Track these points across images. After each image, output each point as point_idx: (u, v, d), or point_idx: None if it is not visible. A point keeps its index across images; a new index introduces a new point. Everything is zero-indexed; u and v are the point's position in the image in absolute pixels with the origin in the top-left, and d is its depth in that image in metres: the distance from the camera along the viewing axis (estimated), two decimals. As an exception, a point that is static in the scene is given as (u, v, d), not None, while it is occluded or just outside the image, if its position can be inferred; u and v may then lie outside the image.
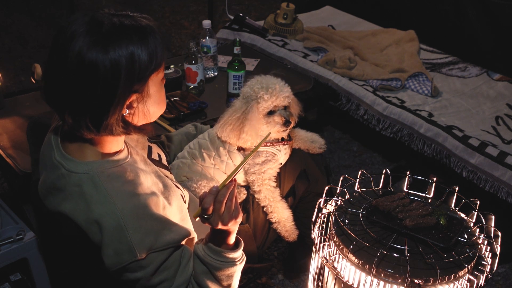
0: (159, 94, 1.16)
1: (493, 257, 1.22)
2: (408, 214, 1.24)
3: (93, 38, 1.01)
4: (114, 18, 1.05)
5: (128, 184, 1.12)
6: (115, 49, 1.02)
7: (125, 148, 1.22)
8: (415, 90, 2.61)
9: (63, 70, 1.03)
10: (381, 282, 1.14)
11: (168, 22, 4.83)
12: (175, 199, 1.25)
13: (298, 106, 1.71)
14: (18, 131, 1.99)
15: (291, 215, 1.68)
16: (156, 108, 1.17)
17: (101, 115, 1.05)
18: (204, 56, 2.48)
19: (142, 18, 1.10)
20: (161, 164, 1.39)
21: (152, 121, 1.20)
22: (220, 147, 1.66)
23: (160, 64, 1.11)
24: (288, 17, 3.08)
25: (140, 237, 1.08)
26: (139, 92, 1.09)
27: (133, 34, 1.05)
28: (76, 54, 1.01)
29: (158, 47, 1.08)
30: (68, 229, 1.16)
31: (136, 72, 1.05)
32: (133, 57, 1.03)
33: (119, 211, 1.07)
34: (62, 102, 1.07)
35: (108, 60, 1.01)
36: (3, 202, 1.82)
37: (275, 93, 1.58)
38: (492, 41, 3.01)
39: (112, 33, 1.03)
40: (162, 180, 1.25)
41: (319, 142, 1.80)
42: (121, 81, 1.03)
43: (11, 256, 1.67)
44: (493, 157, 2.10)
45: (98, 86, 1.02)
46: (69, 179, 1.11)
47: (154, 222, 1.11)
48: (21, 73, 3.76)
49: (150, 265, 1.10)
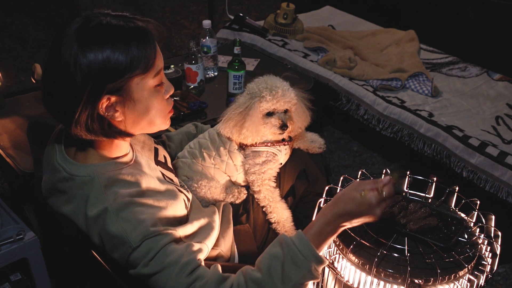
0: (149, 101, 1.11)
1: (493, 257, 1.22)
2: (410, 217, 1.24)
3: (75, 36, 1.01)
4: (105, 18, 1.04)
5: (128, 187, 1.12)
6: (90, 47, 1.00)
7: (130, 152, 1.22)
8: (415, 90, 2.61)
9: (50, 65, 1.05)
10: (381, 282, 1.14)
11: (168, 22, 4.83)
12: (177, 202, 1.24)
13: (304, 114, 1.65)
14: (18, 131, 1.99)
15: (291, 216, 1.68)
16: (148, 116, 1.13)
17: (71, 112, 1.04)
18: (204, 56, 2.48)
19: (138, 20, 1.07)
20: (167, 167, 1.39)
21: (152, 131, 1.18)
22: (221, 147, 1.66)
23: (145, 69, 1.06)
24: (288, 17, 3.08)
25: (132, 226, 1.06)
26: (117, 94, 1.06)
27: (115, 34, 1.02)
28: (56, 50, 1.02)
29: (144, 50, 1.04)
30: (69, 230, 1.16)
31: (109, 72, 1.02)
32: (107, 57, 1.01)
33: (111, 207, 1.07)
34: (48, 100, 1.08)
35: (79, 56, 1.00)
36: (3, 202, 1.82)
37: (277, 96, 1.57)
38: (492, 41, 3.01)
39: (94, 31, 1.02)
40: (165, 186, 1.24)
41: (318, 141, 1.80)
42: (90, 78, 1.01)
43: (11, 256, 1.67)
44: (493, 157, 2.10)
45: (67, 80, 1.01)
46: (72, 182, 1.11)
47: (148, 215, 1.09)
48: (21, 73, 3.76)
49: (149, 252, 1.06)
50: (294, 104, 1.62)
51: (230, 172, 1.69)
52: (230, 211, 1.62)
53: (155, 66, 1.09)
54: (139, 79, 1.07)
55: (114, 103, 1.07)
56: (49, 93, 1.07)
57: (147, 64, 1.06)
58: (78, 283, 2.05)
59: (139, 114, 1.12)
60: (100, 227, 1.08)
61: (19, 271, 1.84)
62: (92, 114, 1.05)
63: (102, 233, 1.08)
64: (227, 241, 1.53)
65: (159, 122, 1.17)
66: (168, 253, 1.07)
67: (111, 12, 1.07)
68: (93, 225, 1.09)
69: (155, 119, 1.15)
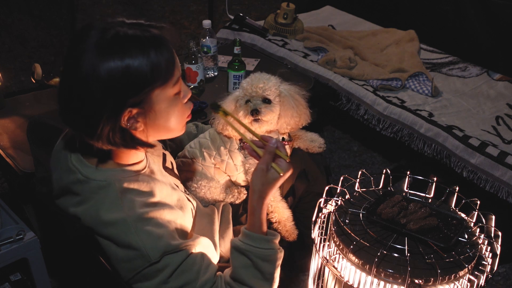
0: (170, 110, 1.10)
1: (493, 257, 1.22)
2: (410, 217, 1.24)
3: (96, 49, 0.98)
4: (121, 28, 1.01)
5: (142, 195, 1.12)
6: (109, 61, 0.98)
7: (144, 159, 1.21)
8: (415, 90, 2.61)
9: (65, 75, 1.02)
10: (381, 282, 1.14)
11: (168, 22, 4.83)
12: (186, 212, 1.24)
13: (292, 110, 1.62)
14: (18, 131, 1.99)
15: (291, 215, 1.68)
16: (168, 123, 1.12)
17: (93, 126, 1.03)
18: (204, 56, 2.47)
19: (153, 27, 1.05)
20: (173, 173, 1.38)
21: (169, 137, 1.18)
22: (221, 147, 1.66)
23: (165, 79, 1.05)
24: (288, 17, 3.08)
25: (153, 241, 1.06)
26: (139, 107, 1.05)
27: (133, 45, 1.00)
28: (75, 63, 0.99)
29: (161, 61, 1.02)
30: (71, 230, 1.16)
31: (131, 85, 1.01)
32: (128, 70, 0.99)
33: (130, 218, 1.07)
34: (62, 111, 1.06)
35: (100, 71, 0.97)
36: (3, 202, 1.82)
37: (251, 82, 1.58)
38: (492, 41, 3.01)
39: (112, 44, 0.99)
40: (177, 193, 1.24)
41: (318, 141, 1.80)
42: (112, 93, 0.99)
43: (11, 256, 1.67)
44: (494, 157, 2.10)
45: (89, 96, 1.00)
46: (87, 185, 1.10)
47: (166, 229, 1.10)
48: (21, 73, 3.76)
49: (167, 268, 1.07)
50: (274, 93, 1.59)
51: (230, 171, 1.69)
52: (229, 211, 1.62)
53: (174, 75, 1.07)
54: (159, 91, 1.06)
55: (136, 114, 1.05)
56: (67, 108, 1.04)
57: (167, 73, 1.05)
58: (78, 283, 2.05)
59: (160, 123, 1.11)
60: (114, 235, 1.07)
61: (19, 271, 1.84)
62: (114, 128, 1.04)
63: (116, 241, 1.07)
64: (226, 242, 1.53)
65: (178, 128, 1.16)
66: (187, 269, 1.10)
67: (126, 20, 1.04)
68: (105, 229, 1.08)
69: (174, 126, 1.15)
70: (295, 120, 1.63)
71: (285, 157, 1.16)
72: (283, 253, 1.21)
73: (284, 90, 1.62)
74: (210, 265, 1.15)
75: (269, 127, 1.62)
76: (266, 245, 1.17)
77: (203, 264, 1.13)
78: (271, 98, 1.58)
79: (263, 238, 1.18)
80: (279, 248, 1.20)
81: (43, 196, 1.22)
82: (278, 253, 1.19)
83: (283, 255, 1.21)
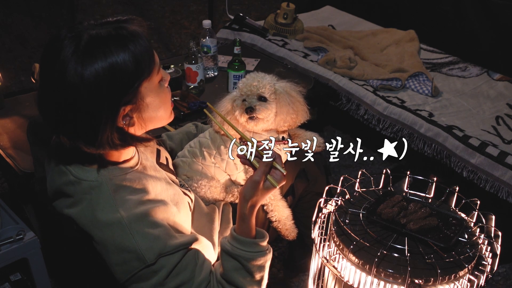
0: (158, 98, 1.12)
1: (493, 257, 1.22)
2: (410, 217, 1.24)
3: (76, 57, 0.98)
4: (92, 30, 1.01)
5: (135, 193, 1.12)
6: (93, 64, 0.97)
7: (135, 155, 1.21)
8: (415, 90, 2.61)
9: (49, 90, 1.02)
10: (381, 282, 1.14)
11: (168, 22, 4.83)
12: (183, 207, 1.24)
13: (287, 107, 1.60)
14: (18, 131, 1.99)
15: (291, 214, 1.68)
16: (159, 112, 1.13)
17: (92, 134, 1.03)
18: (204, 56, 2.47)
19: (124, 23, 1.05)
20: (168, 168, 1.38)
21: (158, 126, 1.18)
22: (221, 146, 1.66)
23: (149, 70, 1.06)
24: (288, 17, 3.08)
25: (148, 243, 1.06)
26: (132, 103, 1.05)
27: (111, 44, 0.99)
28: (59, 78, 0.98)
29: (142, 53, 1.03)
30: (69, 230, 1.16)
31: (120, 82, 1.01)
32: (114, 68, 0.99)
33: (125, 219, 1.07)
34: (53, 124, 1.05)
35: (87, 76, 0.97)
36: (3, 202, 1.82)
37: (246, 81, 1.59)
38: (492, 41, 3.01)
39: (90, 48, 0.98)
40: (172, 188, 1.24)
41: (318, 141, 1.79)
42: (105, 94, 0.99)
43: (11, 256, 1.67)
44: (494, 157, 2.10)
45: (82, 105, 0.99)
46: (79, 186, 1.10)
47: (162, 228, 1.10)
48: (21, 73, 3.76)
49: (162, 269, 1.08)
50: (269, 91, 1.59)
51: (230, 171, 1.69)
52: (230, 211, 1.62)
53: (155, 62, 1.09)
54: (147, 83, 1.07)
55: (129, 111, 1.07)
56: (63, 122, 1.03)
57: (150, 62, 1.06)
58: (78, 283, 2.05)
59: (152, 114, 1.12)
60: (110, 237, 1.07)
61: (19, 271, 1.84)
62: (112, 130, 1.04)
63: (112, 244, 1.07)
64: (227, 241, 1.53)
65: (167, 115, 1.18)
66: (182, 270, 1.11)
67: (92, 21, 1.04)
68: (100, 231, 1.08)
69: (164, 113, 1.16)
70: (291, 117, 1.62)
71: (282, 170, 1.17)
72: (271, 253, 1.23)
73: (280, 87, 1.63)
74: (205, 263, 1.16)
75: (266, 125, 1.62)
76: (255, 248, 1.19)
77: (198, 263, 1.14)
78: (266, 95, 1.59)
79: (252, 242, 1.19)
80: (268, 249, 1.22)
81: (42, 196, 1.22)
82: (267, 254, 1.21)
83: (284, 255, 1.22)
